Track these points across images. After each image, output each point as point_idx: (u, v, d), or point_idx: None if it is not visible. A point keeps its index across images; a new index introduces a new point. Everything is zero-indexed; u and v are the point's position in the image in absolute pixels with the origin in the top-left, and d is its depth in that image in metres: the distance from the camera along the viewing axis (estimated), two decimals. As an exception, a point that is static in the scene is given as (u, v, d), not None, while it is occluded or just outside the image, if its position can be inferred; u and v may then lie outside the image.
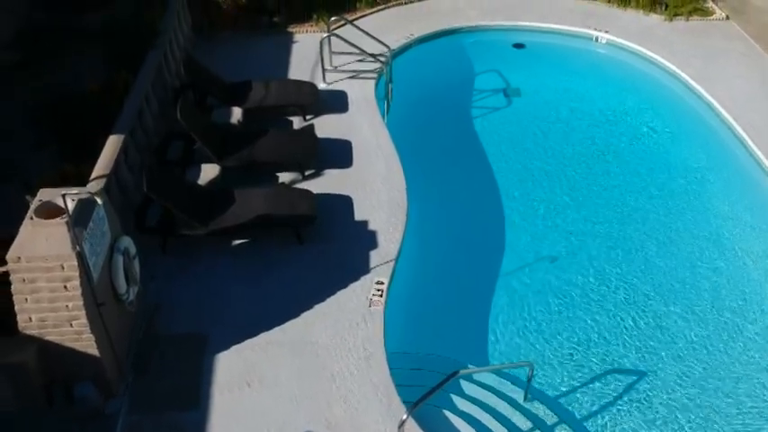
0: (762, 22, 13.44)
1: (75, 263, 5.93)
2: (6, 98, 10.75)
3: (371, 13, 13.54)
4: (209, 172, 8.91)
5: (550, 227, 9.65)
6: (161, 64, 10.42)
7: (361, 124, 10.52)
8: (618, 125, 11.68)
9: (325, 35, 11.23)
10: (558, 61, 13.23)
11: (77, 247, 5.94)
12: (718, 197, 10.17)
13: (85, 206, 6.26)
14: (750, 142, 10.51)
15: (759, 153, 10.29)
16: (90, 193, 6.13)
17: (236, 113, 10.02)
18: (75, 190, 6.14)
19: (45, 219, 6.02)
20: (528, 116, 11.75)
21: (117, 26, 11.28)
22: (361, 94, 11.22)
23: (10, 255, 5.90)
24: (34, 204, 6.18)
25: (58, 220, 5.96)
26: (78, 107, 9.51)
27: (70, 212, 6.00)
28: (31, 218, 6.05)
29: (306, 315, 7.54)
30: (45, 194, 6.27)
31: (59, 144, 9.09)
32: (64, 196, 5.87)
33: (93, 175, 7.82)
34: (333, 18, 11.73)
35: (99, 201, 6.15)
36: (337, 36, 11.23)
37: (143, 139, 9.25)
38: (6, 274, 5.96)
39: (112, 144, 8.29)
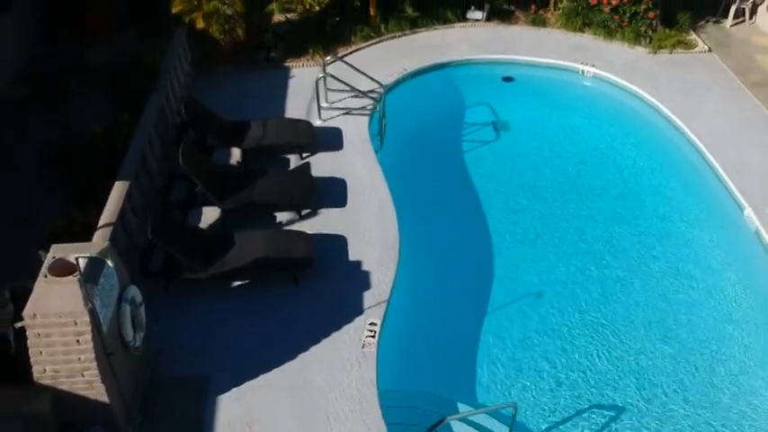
0: (742, 55, 13.91)
1: (88, 318, 6.36)
2: (16, 137, 11.18)
3: (366, 46, 13.97)
4: (209, 215, 9.33)
5: (541, 262, 10.02)
6: (163, 104, 10.83)
7: (355, 162, 10.93)
8: (603, 159, 12.13)
9: (321, 75, 11.64)
10: (545, 94, 13.68)
11: (89, 304, 6.37)
12: (697, 234, 10.56)
13: (96, 263, 6.70)
14: (726, 178, 10.89)
15: (734, 188, 10.68)
16: (100, 255, 6.54)
17: (236, 154, 10.44)
18: (86, 251, 6.55)
19: (58, 276, 6.46)
20: (517, 150, 12.20)
21: (118, 66, 11.70)
22: (356, 130, 11.64)
23: (26, 311, 6.34)
24: (47, 261, 6.61)
25: (70, 278, 6.39)
26: (83, 150, 9.91)
27: (81, 270, 6.44)
28: (45, 275, 6.49)
29: (302, 357, 7.96)
30: (57, 251, 6.70)
31: (66, 188, 9.51)
32: (77, 259, 6.29)
33: (100, 223, 8.25)
34: (328, 58, 12.14)
35: (110, 263, 6.57)
36: (332, 76, 11.65)
37: (147, 182, 9.68)
38: (23, 328, 6.40)
39: (117, 192, 8.71)
